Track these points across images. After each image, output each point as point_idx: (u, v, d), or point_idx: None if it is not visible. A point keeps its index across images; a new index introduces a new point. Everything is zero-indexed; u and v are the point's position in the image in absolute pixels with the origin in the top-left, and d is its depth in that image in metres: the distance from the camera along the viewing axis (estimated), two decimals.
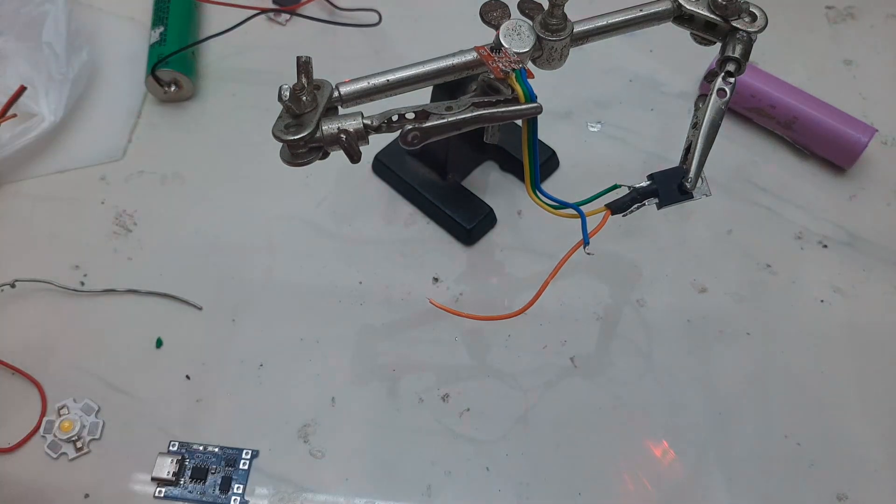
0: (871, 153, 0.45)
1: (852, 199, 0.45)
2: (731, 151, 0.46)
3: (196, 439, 0.37)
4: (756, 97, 0.46)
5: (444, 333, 0.40)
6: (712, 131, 0.29)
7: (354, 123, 0.27)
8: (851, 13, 0.53)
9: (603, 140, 0.47)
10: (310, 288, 0.41)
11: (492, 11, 0.30)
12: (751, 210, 0.44)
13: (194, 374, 0.38)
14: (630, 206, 0.28)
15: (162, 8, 0.49)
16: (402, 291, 0.41)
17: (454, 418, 0.38)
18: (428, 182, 0.43)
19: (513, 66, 0.27)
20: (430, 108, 0.27)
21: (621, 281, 0.42)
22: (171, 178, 0.45)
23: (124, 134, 0.47)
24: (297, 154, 0.27)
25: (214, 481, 0.36)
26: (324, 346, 0.39)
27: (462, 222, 0.42)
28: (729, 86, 0.29)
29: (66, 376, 0.38)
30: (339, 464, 0.36)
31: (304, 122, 0.26)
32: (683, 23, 0.32)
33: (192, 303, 0.40)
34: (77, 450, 0.36)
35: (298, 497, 0.35)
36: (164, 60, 0.45)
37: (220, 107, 0.48)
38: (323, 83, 0.28)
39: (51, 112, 0.45)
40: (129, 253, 0.42)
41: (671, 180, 0.28)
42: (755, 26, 0.30)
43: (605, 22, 0.30)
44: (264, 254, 0.42)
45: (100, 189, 0.45)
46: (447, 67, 0.28)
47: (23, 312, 0.40)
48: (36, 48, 0.46)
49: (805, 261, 0.42)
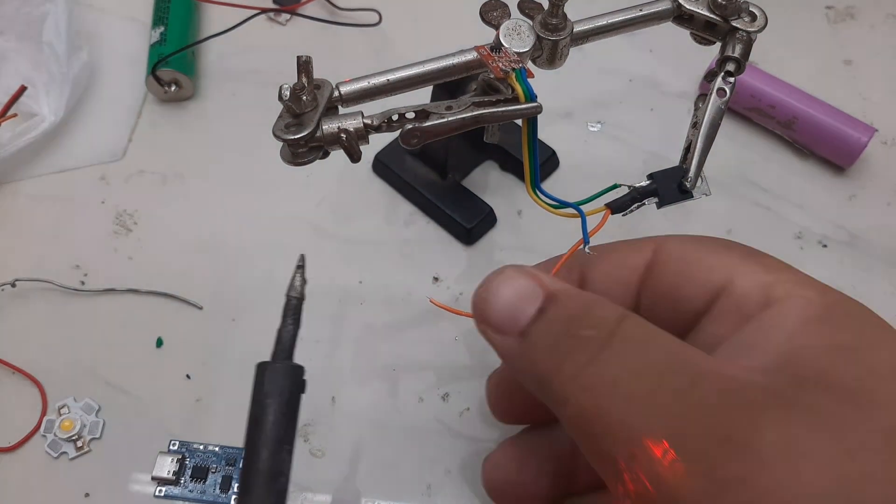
0: (870, 153, 0.45)
1: (852, 198, 0.45)
2: (730, 151, 0.46)
3: (196, 438, 0.37)
4: (756, 97, 0.46)
5: (444, 333, 0.40)
6: (712, 131, 0.29)
7: (355, 123, 0.27)
8: (851, 13, 0.53)
9: (603, 140, 0.47)
10: (310, 288, 0.41)
11: (492, 11, 0.30)
12: (750, 210, 0.44)
13: (194, 374, 0.39)
14: (630, 205, 0.28)
15: (162, 8, 0.49)
16: (402, 291, 0.41)
17: (454, 418, 0.38)
18: (428, 182, 0.43)
19: (513, 66, 0.27)
20: (430, 107, 0.27)
21: None
22: (171, 177, 0.45)
23: (124, 134, 0.47)
24: (297, 154, 0.27)
25: (215, 480, 0.36)
26: (324, 345, 0.39)
27: (462, 222, 0.42)
28: (729, 85, 0.29)
29: (66, 376, 0.38)
30: (339, 463, 0.36)
31: (305, 121, 0.26)
32: (683, 22, 0.32)
33: (192, 302, 0.40)
34: (77, 449, 0.36)
35: (298, 496, 0.35)
36: (165, 60, 0.45)
37: (221, 107, 0.48)
38: (323, 83, 0.28)
39: (51, 112, 0.45)
40: (130, 253, 0.42)
41: (671, 180, 0.28)
42: (755, 26, 0.30)
43: (605, 22, 0.30)
44: (264, 253, 0.42)
45: (100, 189, 0.45)
46: (447, 67, 0.28)
47: (23, 312, 0.40)
48: (36, 48, 0.46)
49: (805, 261, 0.42)
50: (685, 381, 0.21)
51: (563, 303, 0.24)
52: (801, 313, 0.23)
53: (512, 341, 0.25)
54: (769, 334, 0.23)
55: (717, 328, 0.25)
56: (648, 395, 0.21)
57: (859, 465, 0.19)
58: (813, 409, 0.20)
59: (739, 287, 0.25)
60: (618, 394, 0.21)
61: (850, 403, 0.20)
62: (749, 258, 0.26)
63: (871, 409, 0.20)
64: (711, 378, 0.21)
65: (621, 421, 0.21)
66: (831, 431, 0.19)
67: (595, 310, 0.24)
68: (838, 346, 0.22)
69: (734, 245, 0.27)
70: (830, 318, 0.23)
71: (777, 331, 0.23)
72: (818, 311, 0.23)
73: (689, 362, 0.22)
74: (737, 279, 0.25)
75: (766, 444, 0.19)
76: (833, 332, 0.22)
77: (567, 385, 0.23)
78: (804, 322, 0.23)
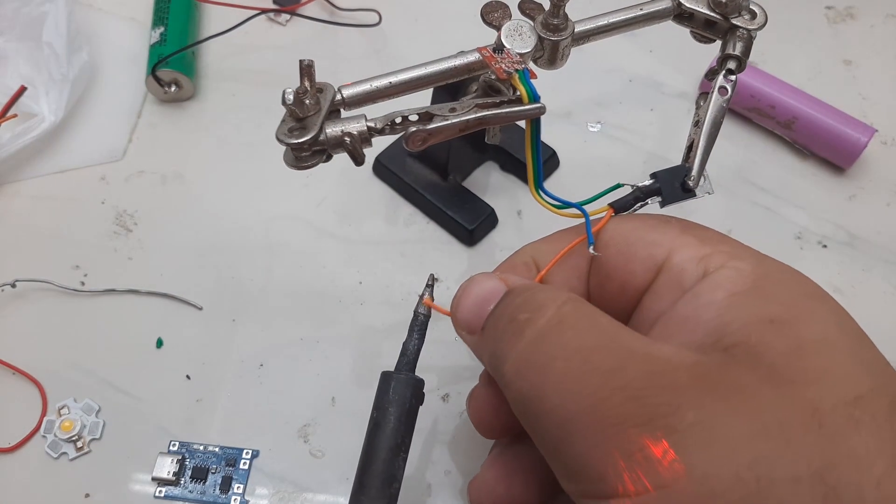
0: (870, 153, 0.45)
1: (852, 199, 0.45)
2: (730, 151, 0.46)
3: (196, 439, 0.37)
4: (756, 97, 0.46)
5: (444, 333, 0.40)
6: (714, 129, 0.29)
7: (358, 126, 0.27)
8: (851, 13, 0.53)
9: (603, 140, 0.47)
10: (310, 288, 0.41)
11: (493, 12, 0.30)
12: (750, 210, 0.44)
13: (194, 374, 0.38)
14: (633, 204, 0.28)
15: (162, 8, 0.49)
16: (402, 291, 0.41)
17: (454, 419, 0.38)
18: (429, 183, 0.43)
19: (515, 67, 0.27)
20: (433, 109, 0.27)
21: None
22: (171, 178, 0.45)
23: (124, 134, 0.47)
24: (300, 157, 0.27)
25: (215, 481, 0.36)
26: (324, 346, 0.39)
27: (463, 223, 0.42)
28: (730, 83, 0.30)
29: (66, 376, 0.38)
30: (339, 464, 0.36)
31: (308, 125, 0.26)
32: (683, 21, 0.32)
33: (192, 303, 0.40)
34: (77, 450, 0.36)
35: (299, 497, 0.35)
36: (165, 60, 0.45)
37: (220, 107, 0.48)
38: (325, 86, 0.28)
39: (51, 112, 0.45)
40: (130, 253, 0.42)
41: (674, 178, 0.28)
42: (755, 24, 0.30)
43: (605, 21, 0.30)
44: (265, 254, 0.42)
45: (100, 189, 0.44)
46: (450, 69, 0.28)
47: (23, 312, 0.40)
48: (36, 48, 0.46)
49: (805, 261, 0.43)
50: (614, 363, 0.21)
51: (512, 294, 0.25)
52: (732, 285, 0.23)
53: (477, 338, 0.26)
54: (700, 308, 0.23)
55: (656, 303, 0.25)
56: (578, 378, 0.21)
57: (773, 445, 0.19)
58: (735, 389, 0.20)
59: (677, 261, 0.25)
60: (550, 376, 0.22)
61: (772, 381, 0.20)
62: (686, 231, 0.26)
63: (792, 387, 0.20)
64: (640, 359, 0.21)
65: (554, 403, 0.21)
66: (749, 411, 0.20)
67: (537, 295, 0.24)
68: (768, 319, 0.22)
69: (672, 220, 0.27)
70: (762, 289, 0.23)
71: (708, 304, 0.23)
72: (749, 282, 0.23)
73: (620, 343, 0.22)
74: (674, 253, 0.25)
75: (685, 427, 0.19)
76: (763, 304, 0.23)
77: (508, 369, 0.23)
78: (734, 294, 0.23)
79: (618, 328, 0.23)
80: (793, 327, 0.22)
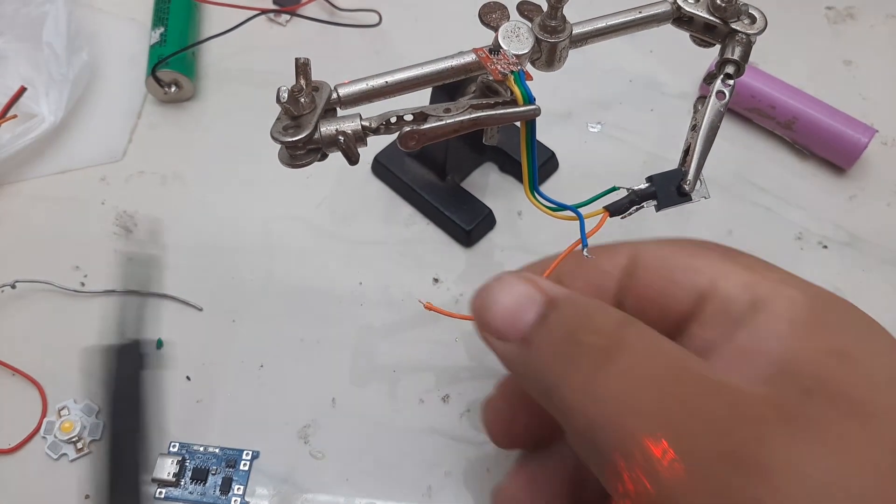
0: (871, 154, 0.45)
1: (852, 199, 0.45)
2: (730, 152, 0.46)
3: (196, 440, 0.37)
4: (756, 98, 0.46)
5: (444, 334, 0.40)
6: (711, 133, 0.29)
7: (352, 125, 0.27)
8: (851, 13, 0.53)
9: (603, 141, 0.47)
10: (310, 288, 0.41)
11: (491, 13, 0.30)
12: (751, 210, 0.44)
13: (194, 375, 0.39)
14: (628, 208, 0.28)
15: (162, 8, 0.49)
16: (401, 292, 0.41)
17: (455, 420, 0.38)
18: (427, 183, 0.43)
19: (511, 69, 0.27)
20: (428, 109, 0.27)
21: None
22: (171, 178, 0.45)
23: (124, 134, 0.47)
24: (295, 156, 0.27)
25: (215, 482, 0.36)
26: (324, 346, 0.40)
27: (461, 223, 0.42)
28: (728, 88, 0.29)
29: (66, 377, 0.38)
30: (339, 464, 0.36)
31: (303, 123, 0.26)
32: (682, 25, 0.32)
33: (192, 303, 0.40)
34: (78, 451, 0.36)
35: (299, 498, 0.35)
36: (165, 61, 0.45)
37: (220, 107, 0.48)
38: (321, 84, 0.28)
39: (51, 112, 0.45)
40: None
41: (670, 182, 0.28)
42: (754, 28, 0.30)
43: (603, 24, 0.30)
44: (264, 254, 0.42)
45: (100, 189, 0.45)
46: (446, 69, 0.28)
47: (23, 312, 0.40)
48: (36, 48, 0.46)
49: (805, 261, 0.42)
50: (693, 393, 0.21)
51: (565, 308, 0.24)
52: (789, 315, 0.23)
53: (514, 347, 0.25)
54: (762, 339, 0.23)
55: (706, 332, 0.24)
56: (657, 408, 0.21)
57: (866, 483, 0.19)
58: (817, 423, 0.20)
59: (723, 289, 0.24)
60: (627, 405, 0.21)
61: (852, 416, 0.20)
62: (727, 258, 0.26)
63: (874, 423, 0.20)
64: (718, 390, 0.21)
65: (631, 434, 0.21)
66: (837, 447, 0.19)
67: (597, 315, 0.24)
68: (834, 352, 0.22)
69: (710, 245, 0.27)
70: (819, 319, 0.23)
71: (769, 335, 0.23)
72: (805, 312, 0.23)
73: (694, 372, 0.22)
74: (719, 281, 0.25)
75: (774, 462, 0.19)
76: (826, 336, 0.22)
77: (575, 395, 0.22)
78: (793, 324, 0.23)
79: (688, 355, 0.22)
80: (860, 361, 0.21)
